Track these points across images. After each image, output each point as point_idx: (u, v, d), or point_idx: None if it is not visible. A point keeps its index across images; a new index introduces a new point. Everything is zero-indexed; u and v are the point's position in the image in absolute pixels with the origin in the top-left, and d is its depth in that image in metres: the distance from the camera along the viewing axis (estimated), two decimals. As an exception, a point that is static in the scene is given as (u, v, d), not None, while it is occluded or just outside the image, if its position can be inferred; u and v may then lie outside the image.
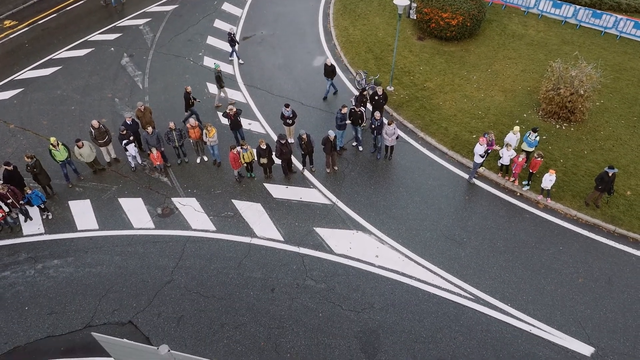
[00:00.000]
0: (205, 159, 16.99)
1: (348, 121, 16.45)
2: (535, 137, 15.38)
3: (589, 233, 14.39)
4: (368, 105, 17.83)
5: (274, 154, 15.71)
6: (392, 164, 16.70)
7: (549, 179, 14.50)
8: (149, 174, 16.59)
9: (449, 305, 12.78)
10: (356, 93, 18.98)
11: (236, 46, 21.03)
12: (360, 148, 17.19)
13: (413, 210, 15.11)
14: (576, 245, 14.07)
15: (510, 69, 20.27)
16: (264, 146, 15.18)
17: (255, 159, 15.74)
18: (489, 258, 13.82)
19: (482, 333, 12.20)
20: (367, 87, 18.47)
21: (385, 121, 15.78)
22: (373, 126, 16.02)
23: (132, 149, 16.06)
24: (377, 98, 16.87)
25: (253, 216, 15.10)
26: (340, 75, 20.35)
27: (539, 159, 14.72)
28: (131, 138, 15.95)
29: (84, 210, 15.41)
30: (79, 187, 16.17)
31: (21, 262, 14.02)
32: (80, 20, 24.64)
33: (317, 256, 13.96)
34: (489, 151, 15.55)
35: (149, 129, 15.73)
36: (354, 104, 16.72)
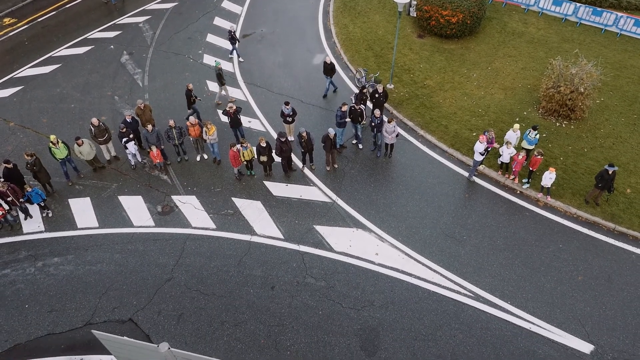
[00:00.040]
0: (205, 156, 16.99)
1: (348, 119, 16.44)
2: (535, 135, 15.38)
3: (589, 231, 14.40)
4: (368, 103, 17.82)
5: (273, 151, 15.72)
6: (392, 161, 16.70)
7: (549, 177, 14.49)
8: (148, 171, 16.59)
9: (448, 303, 12.79)
10: (356, 91, 18.95)
11: (237, 44, 21.01)
12: (360, 146, 17.18)
13: (413, 208, 15.11)
14: (576, 243, 14.08)
15: (510, 67, 20.24)
16: (263, 144, 15.18)
17: (255, 156, 15.73)
18: (488, 256, 13.83)
19: (482, 331, 12.22)
20: (367, 85, 18.46)
21: (385, 119, 15.77)
22: (373, 124, 16.01)
23: (132, 147, 16.07)
24: (378, 96, 16.84)
25: (253, 214, 15.10)
26: (340, 73, 20.33)
27: (539, 156, 14.71)
28: (131, 136, 15.94)
29: (84, 208, 15.42)
30: (79, 185, 16.18)
31: (21, 260, 14.04)
32: (79, 17, 24.61)
33: (317, 254, 13.98)
34: (489, 149, 15.55)
35: (149, 126, 15.73)
36: (354, 101, 16.71)
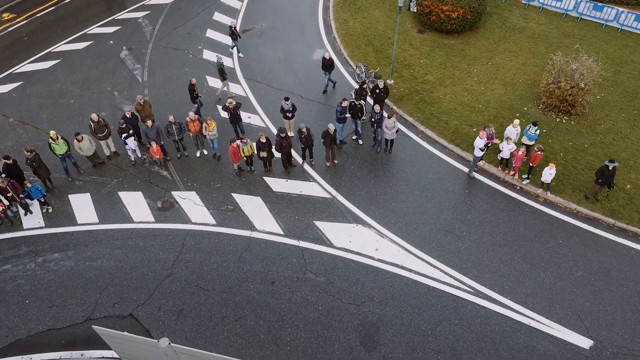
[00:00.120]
0: (205, 152, 16.97)
1: (348, 115, 16.42)
2: (536, 131, 15.36)
3: (589, 226, 14.40)
4: (368, 99, 17.79)
5: (273, 147, 15.70)
6: (392, 157, 16.68)
7: (549, 173, 14.48)
8: (148, 167, 16.58)
9: (448, 298, 12.82)
10: (356, 86, 18.92)
11: (238, 39, 20.94)
12: (360, 142, 17.16)
13: (413, 204, 15.12)
14: (576, 239, 14.09)
15: (510, 62, 20.19)
16: (263, 140, 15.16)
17: (255, 152, 15.72)
18: (488, 251, 13.84)
19: (481, 326, 12.25)
20: (367, 81, 18.41)
21: (385, 115, 15.75)
22: (373, 120, 15.99)
23: (132, 143, 16.05)
24: (378, 91, 16.81)
25: (253, 210, 15.11)
26: (340, 68, 20.28)
27: (539, 152, 14.69)
28: (131, 132, 15.92)
29: (84, 204, 15.42)
30: (79, 181, 16.18)
31: (22, 256, 14.06)
32: (79, 13, 24.53)
33: (317, 249, 13.99)
34: (489, 145, 15.53)
35: (149, 122, 15.71)
36: (354, 97, 16.68)
